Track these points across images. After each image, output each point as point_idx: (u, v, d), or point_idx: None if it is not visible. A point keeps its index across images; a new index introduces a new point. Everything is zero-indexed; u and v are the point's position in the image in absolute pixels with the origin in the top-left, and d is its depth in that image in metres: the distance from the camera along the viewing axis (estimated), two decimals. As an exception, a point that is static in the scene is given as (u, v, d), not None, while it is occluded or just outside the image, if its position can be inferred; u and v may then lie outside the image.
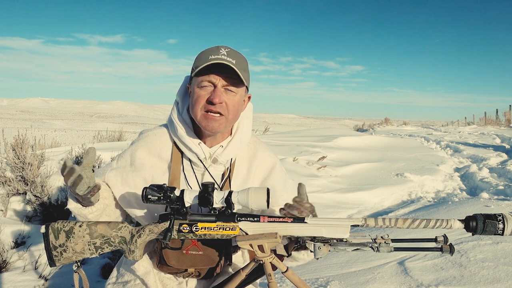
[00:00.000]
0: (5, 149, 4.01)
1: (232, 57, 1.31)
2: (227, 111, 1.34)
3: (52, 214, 3.58)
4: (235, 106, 1.36)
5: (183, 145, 1.41)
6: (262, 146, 1.55)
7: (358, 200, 5.24)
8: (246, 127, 1.48)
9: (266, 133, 12.27)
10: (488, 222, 1.07)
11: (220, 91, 1.32)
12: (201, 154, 1.39)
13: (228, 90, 1.33)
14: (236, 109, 1.37)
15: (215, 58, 1.28)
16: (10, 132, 4.94)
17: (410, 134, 16.08)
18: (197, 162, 1.41)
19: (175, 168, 1.42)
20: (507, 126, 17.04)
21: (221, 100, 1.32)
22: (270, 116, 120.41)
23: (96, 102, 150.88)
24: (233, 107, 1.35)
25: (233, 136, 1.44)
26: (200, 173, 1.43)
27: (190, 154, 1.40)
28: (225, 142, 1.43)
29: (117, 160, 1.48)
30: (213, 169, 1.43)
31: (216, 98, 1.30)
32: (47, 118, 51.97)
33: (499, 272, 2.39)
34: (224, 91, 1.33)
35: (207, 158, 1.41)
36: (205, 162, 1.41)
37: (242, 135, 1.45)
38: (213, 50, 1.32)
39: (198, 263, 1.33)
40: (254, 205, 1.14)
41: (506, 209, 3.93)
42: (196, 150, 1.39)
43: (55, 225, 1.22)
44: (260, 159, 1.50)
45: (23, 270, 2.85)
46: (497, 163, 7.81)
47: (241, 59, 1.35)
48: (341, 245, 1.12)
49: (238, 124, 1.47)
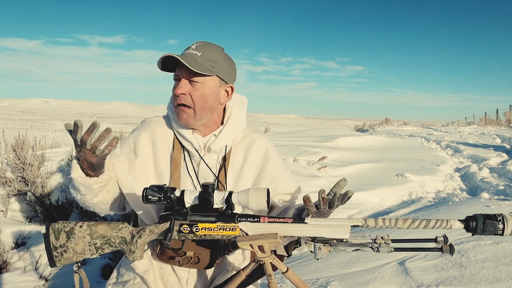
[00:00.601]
0: (6, 149, 4.02)
1: (199, 50, 1.36)
2: (193, 103, 1.38)
3: (53, 214, 3.58)
4: (202, 97, 1.38)
5: (179, 135, 1.46)
6: (257, 134, 1.58)
7: (358, 200, 5.24)
8: (239, 115, 1.51)
9: (266, 133, 12.28)
10: (488, 222, 1.07)
11: (183, 82, 1.37)
12: (195, 142, 1.43)
13: (192, 81, 1.37)
14: (204, 100, 1.39)
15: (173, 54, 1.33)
16: (11, 133, 4.95)
17: (411, 134, 16.08)
18: (192, 151, 1.45)
19: (177, 156, 1.46)
20: (508, 126, 17.03)
21: (183, 91, 1.36)
22: (270, 116, 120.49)
23: (97, 102, 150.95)
24: (199, 97, 1.38)
25: (225, 124, 1.48)
26: (196, 163, 1.47)
27: (185, 143, 1.45)
28: (217, 131, 1.47)
29: (120, 146, 1.50)
30: (208, 158, 1.46)
31: (177, 90, 1.37)
32: (47, 119, 51.99)
33: (499, 272, 2.39)
34: (188, 82, 1.37)
35: (201, 147, 1.45)
36: (200, 151, 1.45)
37: (233, 123, 1.49)
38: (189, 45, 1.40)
39: (197, 247, 1.34)
40: (254, 206, 1.15)
41: (507, 209, 3.92)
42: (190, 138, 1.43)
43: (56, 226, 1.22)
44: (255, 146, 1.53)
45: (23, 271, 2.85)
46: (498, 163, 7.80)
47: (211, 50, 1.38)
48: (341, 245, 1.13)
49: (230, 113, 1.50)
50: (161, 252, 1.40)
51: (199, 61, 1.34)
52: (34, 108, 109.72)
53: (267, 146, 1.56)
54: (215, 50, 1.40)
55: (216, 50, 1.40)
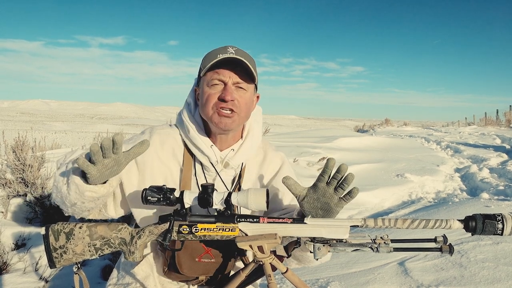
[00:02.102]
0: (6, 151, 4.02)
1: (240, 55, 1.29)
2: (239, 109, 1.31)
3: (53, 215, 3.59)
4: (247, 104, 1.34)
5: (195, 147, 1.36)
6: (271, 148, 1.53)
7: (358, 200, 5.24)
8: (257, 131, 1.45)
9: (266, 134, 12.27)
10: (487, 222, 1.07)
11: (231, 88, 1.30)
12: (213, 157, 1.35)
13: (238, 88, 1.31)
14: (248, 106, 1.35)
15: (224, 56, 1.27)
16: (11, 134, 4.95)
17: (411, 135, 16.08)
18: (208, 166, 1.37)
19: (187, 172, 1.38)
20: (508, 126, 17.03)
21: (233, 98, 1.29)
22: (271, 117, 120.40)
23: (97, 103, 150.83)
24: (244, 104, 1.33)
25: (244, 139, 1.41)
26: (211, 178, 1.39)
27: (201, 157, 1.36)
28: (236, 145, 1.40)
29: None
30: (224, 173, 1.39)
31: (228, 96, 1.28)
32: (47, 120, 51.96)
33: (499, 272, 2.39)
34: (235, 88, 1.31)
35: (218, 162, 1.37)
36: (217, 166, 1.37)
37: (253, 138, 1.43)
38: (221, 49, 1.30)
39: (210, 270, 1.30)
40: (253, 206, 1.15)
41: (507, 209, 3.92)
42: (208, 152, 1.35)
43: (55, 227, 1.22)
44: (269, 161, 1.48)
45: (23, 272, 2.85)
46: (498, 163, 7.80)
47: (250, 57, 1.34)
48: (340, 245, 1.12)
49: (249, 127, 1.44)
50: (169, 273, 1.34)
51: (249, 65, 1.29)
52: (34, 109, 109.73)
53: (282, 161, 1.50)
54: (251, 57, 1.35)
55: (252, 58, 1.35)
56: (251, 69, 1.30)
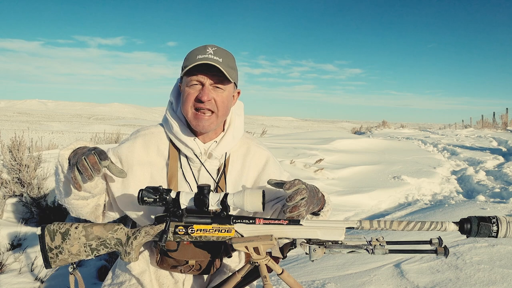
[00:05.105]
0: (2, 150, 4.00)
1: (218, 56, 1.35)
2: (217, 108, 1.39)
3: (49, 216, 3.57)
4: (224, 102, 1.41)
5: (179, 142, 1.44)
6: (255, 142, 1.60)
7: (355, 202, 5.25)
8: (238, 123, 1.53)
9: (263, 135, 12.28)
10: (482, 224, 1.08)
11: (208, 89, 1.37)
12: (197, 149, 1.43)
13: (216, 88, 1.38)
14: (226, 104, 1.42)
15: (202, 58, 1.33)
16: (7, 134, 4.93)
17: (408, 137, 16.13)
18: (193, 158, 1.45)
19: (173, 165, 1.45)
20: (504, 129, 17.10)
21: (209, 98, 1.37)
22: (268, 118, 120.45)
23: (94, 104, 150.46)
24: (222, 103, 1.40)
25: (226, 131, 1.50)
26: (196, 169, 1.47)
27: (186, 150, 1.44)
28: (219, 138, 1.48)
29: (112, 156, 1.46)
30: (208, 164, 1.47)
31: (204, 96, 1.35)
32: (44, 120, 51.84)
33: (494, 274, 2.40)
34: (212, 88, 1.38)
35: (202, 153, 1.45)
36: (201, 157, 1.45)
37: (234, 130, 1.50)
38: (200, 49, 1.37)
39: (199, 254, 1.34)
40: (249, 207, 1.15)
41: (503, 211, 3.94)
42: (192, 145, 1.43)
43: (51, 227, 1.22)
44: (253, 154, 1.54)
45: (19, 272, 2.84)
46: (494, 166, 7.84)
47: (228, 57, 1.40)
48: (336, 247, 1.13)
49: (230, 120, 1.52)
50: (161, 260, 1.40)
51: (225, 68, 1.35)
52: (31, 109, 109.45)
53: (268, 157, 1.56)
54: (230, 56, 1.41)
55: (231, 57, 1.42)
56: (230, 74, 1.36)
